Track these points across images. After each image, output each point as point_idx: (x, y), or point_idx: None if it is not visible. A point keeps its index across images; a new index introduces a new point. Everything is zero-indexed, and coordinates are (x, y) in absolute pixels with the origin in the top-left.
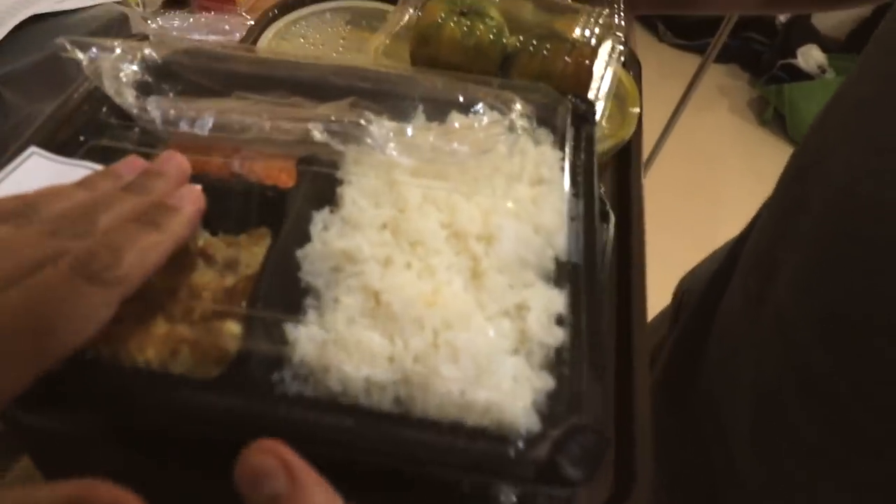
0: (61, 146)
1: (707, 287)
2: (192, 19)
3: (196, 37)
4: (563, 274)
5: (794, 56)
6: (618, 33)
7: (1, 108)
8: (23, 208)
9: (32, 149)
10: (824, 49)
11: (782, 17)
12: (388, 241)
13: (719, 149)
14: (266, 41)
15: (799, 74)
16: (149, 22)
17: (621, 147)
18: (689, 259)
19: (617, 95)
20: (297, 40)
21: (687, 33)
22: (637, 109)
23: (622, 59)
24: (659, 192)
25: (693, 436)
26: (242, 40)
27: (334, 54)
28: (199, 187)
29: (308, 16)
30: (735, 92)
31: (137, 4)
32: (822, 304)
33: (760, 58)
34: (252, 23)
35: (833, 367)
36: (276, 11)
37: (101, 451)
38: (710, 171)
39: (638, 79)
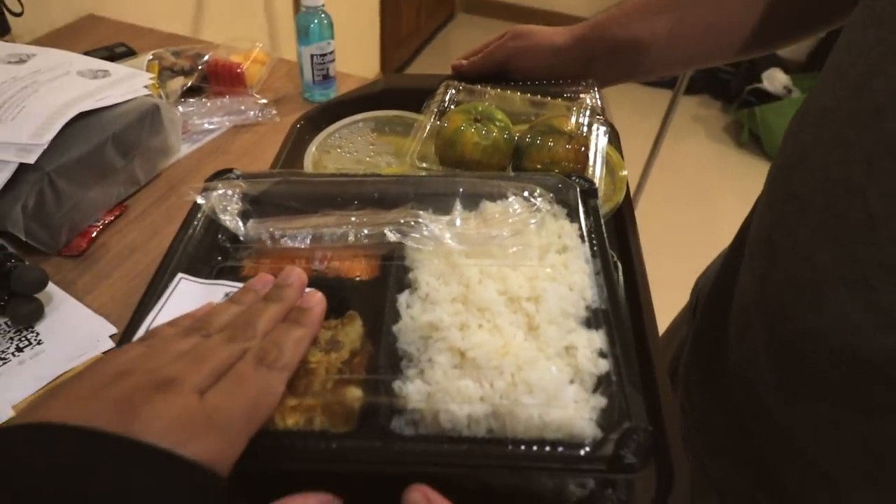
0: (198, 270)
1: (719, 274)
2: (209, 104)
3: (216, 119)
4: (597, 318)
5: (760, 80)
6: (598, 115)
7: (56, 197)
8: (198, 323)
9: (181, 275)
10: (787, 71)
11: None
12: (461, 311)
13: (703, 174)
14: (312, 155)
15: (767, 96)
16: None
17: (618, 209)
18: (691, 279)
19: (607, 165)
20: (335, 150)
21: None
22: (625, 172)
23: (607, 135)
24: (653, 220)
25: (728, 403)
26: (282, 148)
27: (381, 163)
28: (319, 292)
29: (340, 128)
30: (710, 120)
31: (160, 96)
32: (815, 272)
33: (729, 86)
34: (265, 101)
35: (824, 317)
36: (301, 124)
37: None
38: (699, 196)
39: (618, 145)
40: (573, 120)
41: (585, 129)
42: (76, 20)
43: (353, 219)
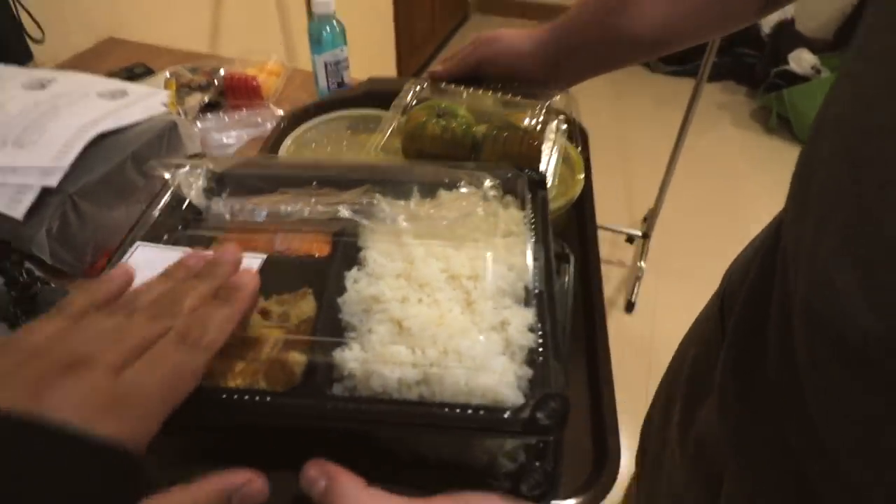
0: (158, 237)
1: (755, 280)
2: (227, 118)
3: (234, 133)
4: (531, 297)
5: (786, 62)
6: (560, 116)
7: (80, 217)
8: (125, 299)
9: (138, 242)
10: (814, 50)
11: (766, 28)
12: (403, 286)
13: (732, 162)
14: (287, 148)
15: (794, 78)
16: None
17: (576, 202)
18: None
19: (567, 162)
20: (310, 146)
21: (677, 59)
22: (581, 176)
23: (567, 135)
24: (682, 213)
25: (767, 416)
26: (265, 143)
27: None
28: (254, 269)
29: (317, 125)
30: (735, 106)
31: (178, 113)
32: (837, 293)
33: (753, 70)
34: (281, 112)
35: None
36: (285, 123)
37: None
38: (728, 186)
39: (585, 146)
40: (530, 117)
41: (541, 126)
42: (97, 44)
43: (312, 199)
